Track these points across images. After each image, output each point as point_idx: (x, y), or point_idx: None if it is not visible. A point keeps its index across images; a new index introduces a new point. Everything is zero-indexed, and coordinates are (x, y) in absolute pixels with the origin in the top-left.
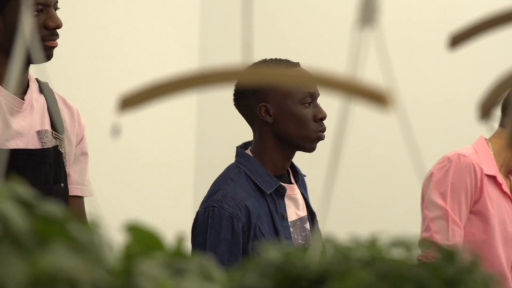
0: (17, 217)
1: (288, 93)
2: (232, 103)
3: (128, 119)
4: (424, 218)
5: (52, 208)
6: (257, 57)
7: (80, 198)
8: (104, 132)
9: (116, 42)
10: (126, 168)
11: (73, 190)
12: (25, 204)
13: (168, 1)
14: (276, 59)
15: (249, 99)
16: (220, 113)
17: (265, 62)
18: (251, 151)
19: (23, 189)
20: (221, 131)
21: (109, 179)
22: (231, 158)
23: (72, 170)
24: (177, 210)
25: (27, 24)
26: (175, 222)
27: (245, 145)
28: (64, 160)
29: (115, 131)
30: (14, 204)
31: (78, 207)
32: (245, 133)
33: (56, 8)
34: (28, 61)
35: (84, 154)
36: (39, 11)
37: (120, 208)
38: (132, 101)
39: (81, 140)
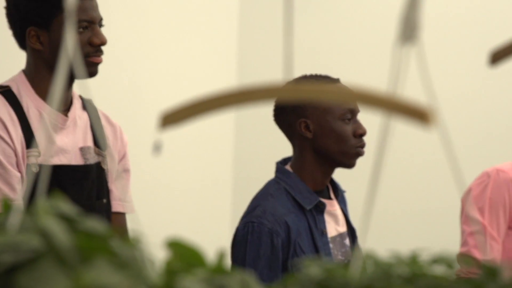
0: (60, 233)
1: (328, 109)
2: (269, 118)
3: (167, 135)
4: (462, 232)
5: (95, 224)
6: (297, 72)
7: (122, 214)
8: (145, 149)
9: (156, 59)
10: (166, 184)
11: (115, 206)
12: (68, 220)
13: (206, 18)
14: (316, 75)
15: (289, 114)
16: (257, 128)
17: (305, 78)
18: (290, 166)
19: (66, 205)
20: (259, 146)
21: (150, 195)
22: (268, 174)
23: (114, 187)
24: (215, 226)
25: (70, 40)
26: (213, 238)
27: (284, 161)
28: (106, 176)
29: (157, 148)
30: (57, 220)
31: (120, 223)
32: (282, 148)
33: (101, 26)
34: (72, 77)
35: (126, 170)
36: (84, 28)
37: (160, 224)
38: (173, 118)
39: (123, 157)
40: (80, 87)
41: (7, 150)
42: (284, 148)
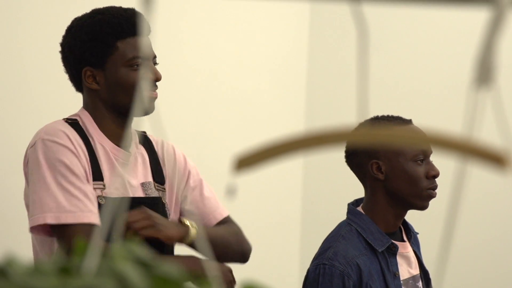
0: (136, 277)
1: (400, 151)
2: (338, 158)
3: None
4: None
5: (170, 268)
6: (370, 113)
7: (223, 219)
8: (215, 190)
9: (224, 101)
10: None
11: (212, 220)
12: (143, 265)
13: (275, 59)
14: (388, 116)
15: (361, 156)
16: (326, 168)
17: (377, 119)
18: (362, 208)
19: (141, 250)
20: (327, 187)
21: None
22: (336, 215)
23: (201, 203)
24: (284, 267)
25: (144, 80)
26: (282, 279)
27: (356, 202)
28: (166, 210)
29: (231, 191)
30: (133, 264)
31: (228, 228)
32: (351, 189)
33: (155, 63)
34: (130, 115)
35: (200, 182)
36: (138, 66)
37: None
38: (248, 161)
39: (189, 173)
40: (154, 128)
41: (82, 170)
42: (352, 188)
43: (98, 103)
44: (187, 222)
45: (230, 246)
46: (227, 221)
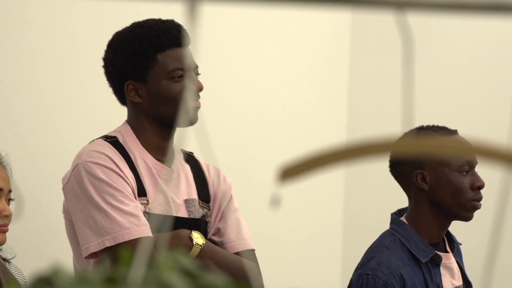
0: (181, 287)
1: (445, 161)
2: (379, 168)
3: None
4: None
5: (215, 278)
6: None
7: (243, 252)
8: (257, 201)
9: (267, 113)
10: (276, 236)
11: (235, 247)
12: (188, 275)
13: (316, 70)
14: (433, 126)
15: (406, 166)
16: (367, 180)
17: (422, 129)
18: (406, 218)
19: (187, 260)
20: (368, 198)
21: (261, 247)
22: (377, 225)
23: (229, 228)
24: (326, 277)
25: (189, 92)
26: None
27: (399, 212)
28: (208, 229)
29: (275, 202)
30: (178, 274)
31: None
32: (392, 200)
33: (197, 74)
34: (173, 127)
35: (236, 210)
36: (179, 77)
37: (272, 276)
38: (293, 172)
39: (230, 198)
40: (201, 144)
41: (128, 189)
42: (392, 198)
43: (141, 115)
44: (195, 239)
45: (237, 277)
46: (249, 255)
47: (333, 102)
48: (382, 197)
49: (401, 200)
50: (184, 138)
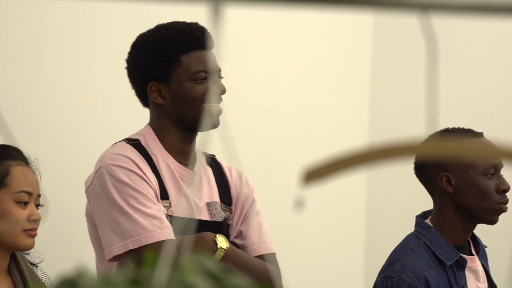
0: None
1: (471, 164)
2: (402, 170)
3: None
4: None
5: (239, 281)
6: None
7: (265, 256)
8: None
9: (288, 116)
10: (299, 240)
11: (257, 250)
12: (212, 277)
13: (338, 73)
14: (459, 129)
15: (431, 169)
16: (389, 182)
17: (447, 131)
18: (431, 220)
19: (211, 262)
20: (391, 200)
21: (283, 250)
22: (399, 228)
23: (251, 231)
24: (348, 280)
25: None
26: None
27: (424, 215)
28: (230, 232)
29: (299, 204)
30: (203, 277)
31: (266, 265)
32: (414, 202)
33: (220, 77)
34: (194, 130)
35: (258, 213)
36: (202, 79)
37: (294, 279)
38: (317, 174)
39: (252, 201)
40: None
41: (151, 191)
42: (416, 200)
43: (163, 117)
44: (219, 243)
45: (259, 281)
46: (270, 258)
47: (355, 105)
48: (404, 199)
49: (423, 202)
50: (208, 142)
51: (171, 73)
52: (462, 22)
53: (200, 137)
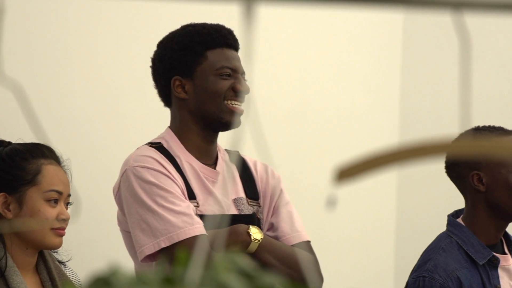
0: None
1: (502, 162)
2: (431, 171)
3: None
4: None
5: (272, 279)
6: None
7: (299, 244)
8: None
9: (319, 115)
10: (330, 238)
11: (291, 240)
12: (245, 275)
13: (368, 71)
14: (490, 127)
15: (462, 167)
16: (419, 181)
17: (478, 129)
18: (462, 219)
19: (244, 260)
20: (421, 200)
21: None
22: (430, 227)
23: (282, 222)
24: (379, 280)
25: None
26: None
27: (456, 213)
28: (261, 226)
29: (331, 202)
30: (236, 275)
31: (305, 252)
32: (444, 201)
33: (244, 80)
34: (216, 130)
35: (287, 203)
36: (227, 76)
37: (325, 277)
38: (349, 172)
39: (280, 192)
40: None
41: (178, 190)
42: (445, 199)
43: (185, 114)
44: (253, 234)
45: (296, 269)
46: (305, 246)
47: (385, 103)
48: (434, 198)
49: (452, 201)
50: (240, 141)
51: (196, 67)
52: (494, 20)
53: (232, 136)
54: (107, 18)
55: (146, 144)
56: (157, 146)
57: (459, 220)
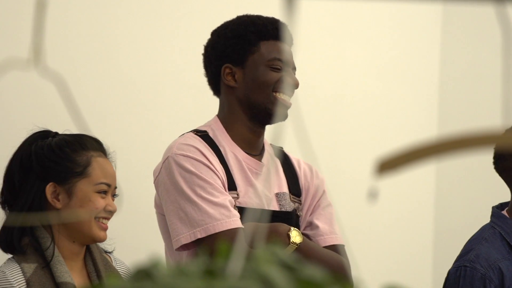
0: (281, 280)
1: None
2: (469, 164)
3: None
4: None
5: (314, 272)
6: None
7: (335, 246)
8: (349, 194)
9: (358, 108)
10: (368, 231)
11: (327, 240)
12: (287, 268)
13: (407, 64)
14: None
15: (509, 161)
16: (458, 174)
17: None
18: (507, 212)
19: (285, 253)
20: (459, 192)
21: (353, 241)
22: (468, 219)
23: (320, 222)
24: (417, 272)
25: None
26: (415, 283)
27: (501, 206)
28: (300, 223)
29: (372, 195)
30: (277, 267)
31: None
32: (483, 194)
33: (294, 74)
34: (264, 122)
35: (329, 205)
36: (277, 68)
37: (364, 270)
38: (390, 165)
39: (323, 193)
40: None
41: (218, 181)
42: (484, 192)
43: (234, 102)
44: (292, 237)
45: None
46: (340, 250)
47: (424, 96)
48: (472, 191)
49: (491, 194)
50: (281, 135)
51: (248, 56)
52: None
53: (273, 130)
54: (149, 11)
55: (191, 131)
56: (202, 134)
57: (504, 212)
